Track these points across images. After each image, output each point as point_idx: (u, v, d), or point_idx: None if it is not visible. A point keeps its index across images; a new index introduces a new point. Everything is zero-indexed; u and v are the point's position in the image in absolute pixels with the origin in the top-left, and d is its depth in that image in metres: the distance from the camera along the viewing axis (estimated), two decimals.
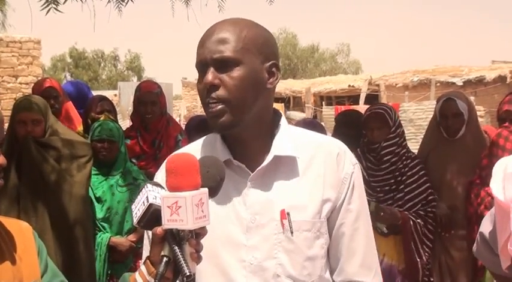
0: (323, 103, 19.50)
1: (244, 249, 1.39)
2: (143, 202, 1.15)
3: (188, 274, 1.07)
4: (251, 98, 1.37)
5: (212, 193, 1.16)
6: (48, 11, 3.46)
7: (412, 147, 3.60)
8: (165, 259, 1.11)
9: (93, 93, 5.03)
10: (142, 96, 3.86)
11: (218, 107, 1.35)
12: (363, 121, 3.52)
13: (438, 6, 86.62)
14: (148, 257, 1.20)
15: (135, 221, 1.17)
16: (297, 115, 14.84)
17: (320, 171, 1.43)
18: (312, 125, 3.46)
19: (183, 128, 4.30)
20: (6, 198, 2.94)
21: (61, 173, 3.10)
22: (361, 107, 11.68)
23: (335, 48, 42.97)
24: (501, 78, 15.72)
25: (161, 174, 1.41)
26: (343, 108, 12.80)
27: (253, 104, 1.38)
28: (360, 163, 3.34)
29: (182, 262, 1.08)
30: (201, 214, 1.10)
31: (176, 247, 1.10)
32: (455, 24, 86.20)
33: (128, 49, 55.25)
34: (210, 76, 1.35)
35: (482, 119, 11.14)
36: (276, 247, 1.39)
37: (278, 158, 1.41)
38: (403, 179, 3.38)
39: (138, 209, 1.16)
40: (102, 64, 44.01)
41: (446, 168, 3.47)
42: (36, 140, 3.06)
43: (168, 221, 1.10)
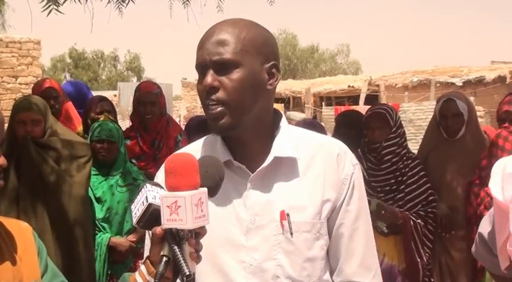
0: (323, 103, 19.50)
1: (244, 250, 1.39)
2: (142, 202, 1.15)
3: (188, 274, 1.07)
4: (251, 100, 1.37)
5: (211, 193, 1.16)
6: (49, 13, 3.46)
7: (412, 147, 3.60)
8: (165, 259, 1.11)
9: (92, 93, 5.04)
10: (141, 96, 3.86)
11: (218, 109, 1.35)
12: (364, 121, 3.52)
13: (438, 6, 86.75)
14: (148, 257, 1.20)
15: (135, 221, 1.17)
16: (297, 115, 14.85)
17: (320, 171, 1.43)
18: (312, 125, 3.45)
19: (183, 129, 4.29)
20: (5, 199, 2.94)
21: (60, 174, 3.09)
22: (361, 108, 11.68)
23: (335, 48, 43.06)
24: (501, 78, 15.72)
25: (161, 174, 1.41)
26: (342, 108, 12.80)
27: (252, 106, 1.38)
28: (360, 163, 3.33)
29: (182, 262, 1.08)
30: (201, 214, 1.10)
31: (176, 247, 1.10)
32: (455, 24, 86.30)
33: (128, 49, 55.24)
34: (210, 78, 1.35)
35: (481, 120, 11.14)
36: (276, 248, 1.39)
37: (278, 159, 1.41)
38: (404, 179, 3.37)
39: (138, 209, 1.16)
40: (101, 64, 44.02)
41: (446, 168, 3.47)
42: (35, 141, 3.06)
43: (168, 221, 1.10)
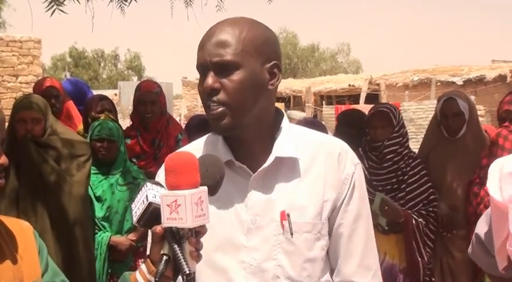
0: (323, 102, 19.48)
1: (244, 250, 1.39)
2: (143, 201, 1.15)
3: (188, 272, 1.07)
4: (251, 101, 1.37)
5: (212, 192, 1.16)
6: (53, 13, 3.46)
7: (413, 146, 3.60)
8: (165, 258, 1.11)
9: (93, 92, 5.04)
10: (142, 95, 3.86)
11: (219, 110, 1.35)
12: (367, 119, 3.52)
13: (438, 6, 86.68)
14: (148, 256, 1.20)
15: (135, 220, 1.17)
16: (298, 114, 14.83)
17: (321, 171, 1.43)
18: (313, 124, 3.45)
19: (183, 128, 4.29)
20: (5, 199, 2.94)
21: (60, 173, 3.09)
22: (361, 107, 11.69)
23: (335, 47, 42.98)
24: (501, 77, 15.71)
25: (162, 173, 1.41)
26: (343, 107, 12.81)
27: (253, 106, 1.38)
28: (362, 162, 3.33)
29: (182, 260, 1.08)
30: (201, 212, 1.10)
31: (176, 246, 1.10)
32: (455, 23, 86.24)
33: (128, 48, 55.17)
34: (210, 80, 1.35)
35: (482, 119, 11.13)
36: (276, 248, 1.38)
37: (279, 159, 1.41)
38: (405, 178, 3.38)
39: (138, 208, 1.16)
40: (102, 64, 43.99)
41: (446, 167, 3.47)
42: (35, 141, 3.06)
43: (168, 220, 1.10)
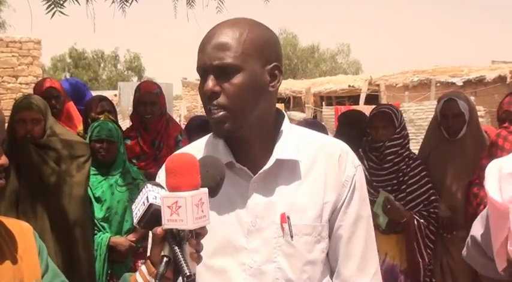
0: (323, 103, 19.49)
1: (244, 252, 1.39)
2: (143, 202, 1.15)
3: (188, 274, 1.07)
4: (252, 103, 1.36)
5: (212, 193, 1.16)
6: (53, 15, 3.45)
7: (413, 147, 3.60)
8: (165, 259, 1.10)
9: (93, 93, 5.04)
10: (141, 96, 3.86)
11: (220, 114, 1.35)
12: (369, 119, 3.52)
13: (438, 6, 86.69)
14: (148, 257, 1.20)
15: (136, 221, 1.17)
16: (297, 115, 14.84)
17: (321, 173, 1.42)
18: (314, 125, 3.44)
19: (184, 128, 4.29)
20: (5, 201, 2.93)
21: (61, 175, 3.09)
22: (361, 107, 11.70)
23: (335, 48, 43.04)
24: (501, 78, 15.71)
25: (163, 174, 1.41)
26: (343, 108, 12.83)
27: (254, 109, 1.37)
28: (362, 163, 3.33)
29: (182, 262, 1.08)
30: (201, 214, 1.10)
31: (176, 247, 1.10)
32: (455, 24, 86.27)
33: (127, 49, 55.13)
34: (210, 83, 1.34)
35: (482, 119, 11.14)
36: (276, 251, 1.38)
37: (280, 161, 1.40)
38: (405, 179, 3.38)
39: (139, 209, 1.16)
40: (102, 64, 43.98)
41: (447, 168, 3.47)
42: (35, 142, 3.05)
43: (168, 221, 1.10)
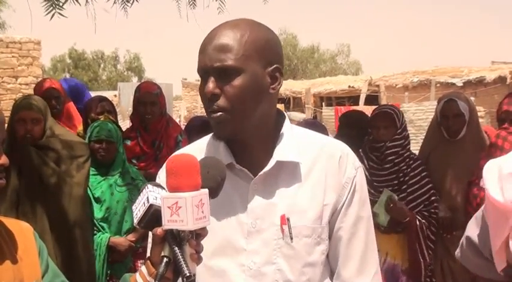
0: (323, 104, 19.49)
1: (244, 253, 1.38)
2: (144, 203, 1.15)
3: (188, 275, 1.07)
4: (253, 106, 1.36)
5: (213, 194, 1.16)
6: (52, 16, 3.46)
7: (412, 147, 3.60)
8: (165, 260, 1.10)
9: (93, 93, 5.04)
10: (141, 97, 3.86)
11: (220, 117, 1.34)
12: (370, 119, 3.53)
13: (438, 7, 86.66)
14: (148, 258, 1.20)
15: (136, 222, 1.17)
16: (297, 116, 14.84)
17: (322, 175, 1.42)
18: (314, 126, 3.44)
19: (183, 129, 4.29)
20: (5, 201, 2.93)
21: (60, 175, 3.09)
22: (361, 108, 11.70)
23: (335, 48, 43.08)
24: (501, 78, 15.71)
25: (163, 173, 1.41)
26: (343, 109, 12.84)
27: (255, 111, 1.37)
28: (362, 163, 3.33)
29: (182, 263, 1.08)
30: (201, 215, 1.10)
31: (176, 248, 1.10)
32: (455, 24, 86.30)
33: (127, 49, 55.05)
34: (211, 86, 1.33)
35: (482, 120, 11.14)
36: (276, 252, 1.38)
37: (280, 163, 1.40)
38: (406, 180, 3.39)
39: (139, 210, 1.16)
40: (102, 65, 43.98)
41: (447, 168, 3.47)
42: (35, 144, 3.05)
43: (168, 222, 1.10)
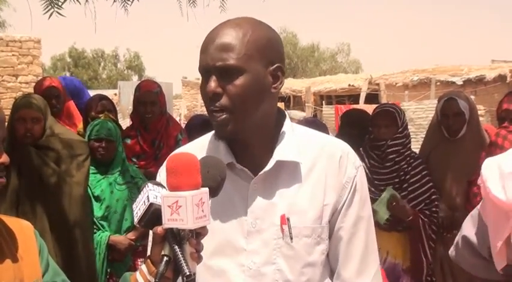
0: (323, 102, 19.47)
1: (244, 253, 1.38)
2: (144, 201, 1.15)
3: (188, 274, 1.07)
4: (254, 105, 1.36)
5: (213, 193, 1.16)
6: (50, 15, 3.46)
7: (413, 146, 3.61)
8: (166, 258, 1.10)
9: (93, 92, 5.04)
10: (141, 95, 3.86)
11: (222, 116, 1.34)
12: (372, 118, 3.53)
13: (438, 6, 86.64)
14: (149, 256, 1.20)
15: (136, 220, 1.17)
16: (297, 114, 14.83)
17: (322, 175, 1.42)
18: (314, 124, 3.44)
19: (184, 127, 4.29)
20: (5, 201, 2.93)
21: (61, 175, 3.08)
22: (361, 107, 11.69)
23: (335, 47, 43.06)
24: (501, 77, 15.69)
25: (163, 172, 1.40)
26: (343, 107, 12.83)
27: (256, 110, 1.37)
28: (363, 161, 3.34)
29: (182, 262, 1.08)
30: (202, 214, 1.10)
31: (176, 247, 1.10)
32: (455, 23, 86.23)
33: (127, 48, 54.91)
34: (213, 85, 1.33)
35: (482, 118, 11.12)
36: (275, 252, 1.38)
37: (280, 163, 1.40)
38: (407, 178, 3.39)
39: (139, 209, 1.16)
40: (102, 63, 43.95)
41: (447, 167, 3.47)
42: (35, 144, 3.05)
43: (169, 221, 1.10)
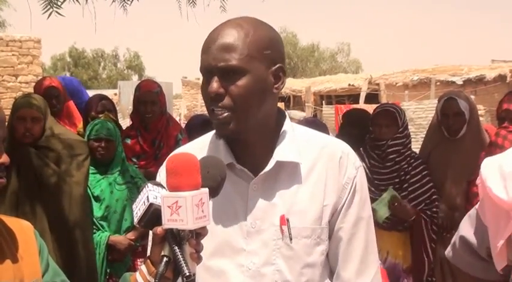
0: (323, 102, 19.47)
1: (243, 253, 1.38)
2: (144, 202, 1.15)
3: (188, 274, 1.07)
4: (256, 106, 1.36)
5: (213, 193, 1.16)
6: (49, 15, 3.46)
7: (413, 146, 3.61)
8: (165, 259, 1.10)
9: (93, 92, 5.04)
10: (142, 95, 3.86)
11: (224, 115, 1.34)
12: (372, 117, 3.54)
13: (438, 5, 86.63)
14: (148, 257, 1.20)
15: (136, 221, 1.17)
16: (297, 114, 14.82)
17: (322, 176, 1.42)
18: (315, 125, 3.44)
19: (184, 127, 4.29)
20: (5, 202, 2.93)
21: (61, 175, 3.08)
22: (361, 106, 11.69)
23: (335, 47, 43.05)
24: (501, 77, 15.69)
25: (163, 172, 1.40)
26: (343, 107, 12.83)
27: (258, 111, 1.37)
28: (363, 161, 3.34)
29: (182, 262, 1.08)
30: (201, 214, 1.10)
31: (176, 247, 1.10)
32: (455, 23, 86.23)
33: (127, 48, 54.84)
34: (215, 85, 1.33)
35: (482, 118, 11.12)
36: (275, 253, 1.38)
37: (280, 163, 1.40)
38: (407, 178, 3.40)
39: (139, 209, 1.16)
40: (102, 63, 43.95)
41: (447, 167, 3.47)
42: (35, 145, 3.04)
43: (168, 221, 1.10)
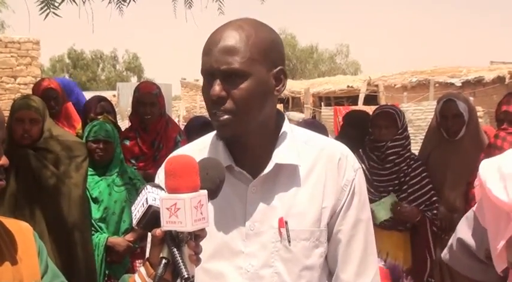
0: (322, 104, 19.47)
1: (241, 256, 1.38)
2: (142, 204, 1.15)
3: (186, 276, 1.07)
4: (258, 108, 1.36)
5: (212, 195, 1.16)
6: (46, 16, 3.46)
7: (412, 147, 3.61)
8: (164, 261, 1.10)
9: (91, 94, 5.03)
10: (141, 97, 3.86)
11: (225, 117, 1.34)
12: (372, 119, 3.54)
13: (437, 7, 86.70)
14: (147, 259, 1.20)
15: (135, 223, 1.17)
16: (296, 116, 14.82)
17: (321, 178, 1.42)
18: (313, 126, 3.45)
19: (183, 129, 4.29)
20: (4, 204, 2.92)
21: (59, 177, 3.08)
22: (360, 108, 11.69)
23: (334, 48, 43.10)
24: (500, 78, 15.69)
25: (162, 173, 1.38)
26: (342, 109, 12.83)
27: (259, 114, 1.37)
28: (362, 162, 3.35)
29: (181, 264, 1.08)
30: (200, 216, 1.10)
31: (175, 249, 1.10)
32: (454, 25, 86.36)
33: (126, 49, 54.77)
34: (217, 88, 1.33)
35: (481, 120, 11.12)
36: (273, 256, 1.38)
37: (279, 166, 1.40)
38: (407, 180, 3.40)
39: (138, 211, 1.16)
40: (100, 65, 43.95)
41: (446, 169, 3.48)
42: (33, 146, 3.04)
43: (167, 223, 1.10)
